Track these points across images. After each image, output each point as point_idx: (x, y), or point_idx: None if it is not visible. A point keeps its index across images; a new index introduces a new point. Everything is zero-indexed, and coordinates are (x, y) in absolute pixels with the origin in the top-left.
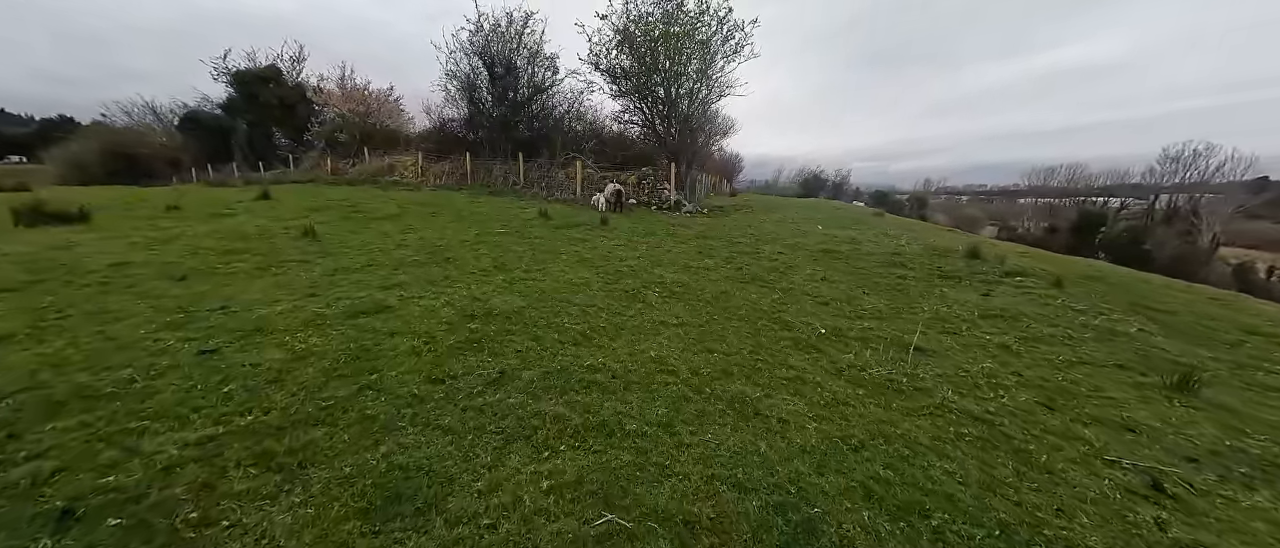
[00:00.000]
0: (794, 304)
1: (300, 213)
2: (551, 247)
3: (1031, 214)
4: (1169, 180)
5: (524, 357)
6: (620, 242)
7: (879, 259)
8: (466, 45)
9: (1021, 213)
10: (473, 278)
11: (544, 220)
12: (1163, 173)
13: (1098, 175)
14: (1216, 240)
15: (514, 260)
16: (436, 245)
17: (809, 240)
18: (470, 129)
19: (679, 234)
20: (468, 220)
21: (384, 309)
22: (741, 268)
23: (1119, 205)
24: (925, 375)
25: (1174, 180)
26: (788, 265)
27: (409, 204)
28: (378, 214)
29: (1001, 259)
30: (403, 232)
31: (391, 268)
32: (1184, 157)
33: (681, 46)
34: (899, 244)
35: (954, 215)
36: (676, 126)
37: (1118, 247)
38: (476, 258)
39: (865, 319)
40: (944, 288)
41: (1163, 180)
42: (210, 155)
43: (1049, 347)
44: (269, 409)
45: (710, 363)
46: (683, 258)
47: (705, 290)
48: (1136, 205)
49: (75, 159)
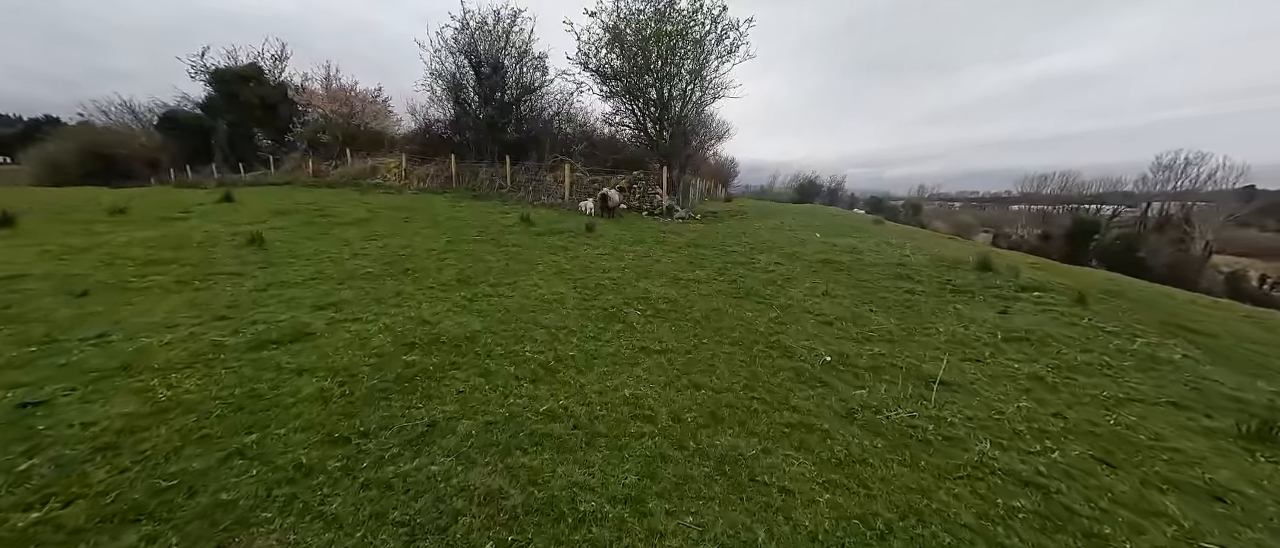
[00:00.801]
0: (794, 324)
1: (260, 217)
2: (528, 256)
3: (1025, 221)
4: (1161, 188)
5: (465, 400)
6: (605, 250)
7: (883, 271)
8: (451, 43)
9: (1015, 220)
10: (429, 294)
11: (525, 227)
12: (1155, 181)
13: (1090, 183)
14: (1209, 248)
15: (482, 272)
16: (399, 255)
17: (807, 250)
18: (456, 131)
19: (669, 242)
20: (442, 226)
21: (303, 337)
22: (735, 281)
23: (1111, 213)
24: (954, 419)
25: (1166, 188)
26: (785, 278)
27: (383, 208)
28: (344, 219)
29: (1015, 271)
30: (366, 239)
31: (338, 282)
32: (1176, 165)
33: (674, 46)
34: (903, 254)
35: (952, 222)
36: (669, 129)
37: (1112, 254)
38: (440, 270)
39: (875, 343)
40: (957, 304)
41: (1155, 188)
42: (190, 156)
43: (1088, 378)
44: (76, 496)
45: (697, 403)
46: (672, 269)
47: (694, 308)
48: (1128, 213)
49: (51, 160)
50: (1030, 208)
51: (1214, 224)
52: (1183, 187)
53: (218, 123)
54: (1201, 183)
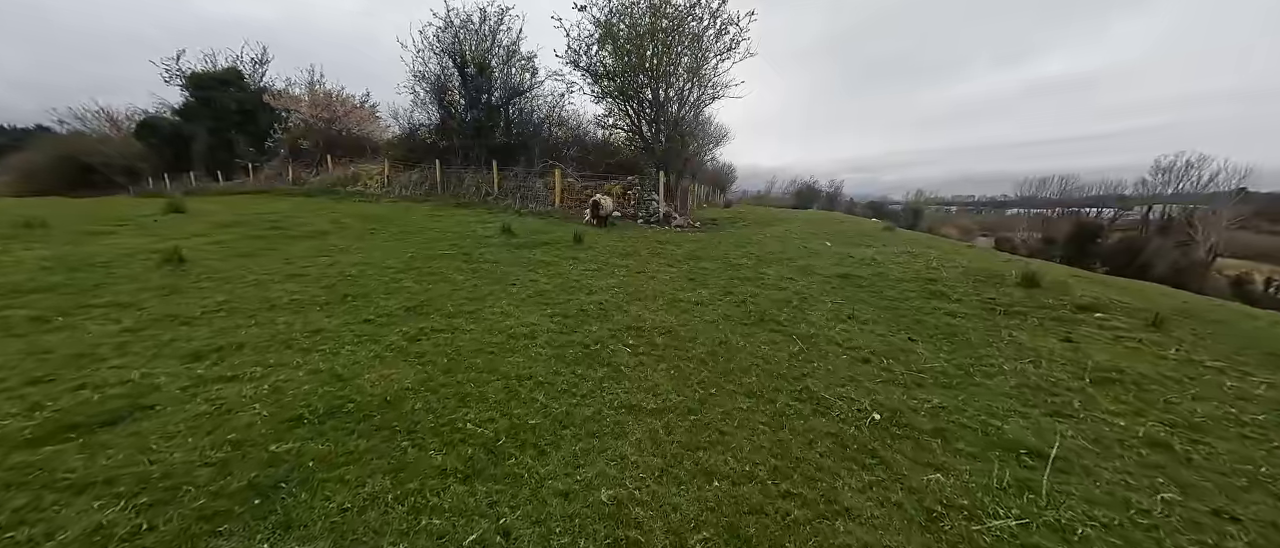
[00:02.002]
0: (822, 362)
1: (202, 231)
2: (503, 274)
3: (1027, 225)
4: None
5: (342, 532)
6: (593, 266)
7: (912, 287)
8: (434, 42)
9: (1014, 224)
10: (362, 331)
11: (506, 238)
12: (1155, 184)
13: (1089, 186)
14: (1214, 251)
15: (441, 298)
16: (345, 276)
17: (820, 262)
18: (442, 135)
19: (666, 253)
20: (410, 239)
21: (135, 411)
22: (744, 302)
23: (1113, 216)
24: (1085, 527)
25: (1166, 191)
26: (802, 297)
27: (351, 219)
28: (299, 232)
29: (1064, 287)
30: (316, 255)
31: (248, 315)
32: (1176, 168)
33: (670, 43)
34: (929, 266)
35: (962, 227)
36: (665, 132)
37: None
38: (389, 295)
39: (929, 389)
40: (1010, 330)
41: (1156, 191)
42: (170, 164)
43: (1222, 441)
44: None
45: (707, 507)
46: (669, 287)
47: (697, 340)
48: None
49: (26, 169)
50: (1028, 212)
51: (1218, 227)
52: (1185, 189)
53: (196, 130)
54: (1203, 185)
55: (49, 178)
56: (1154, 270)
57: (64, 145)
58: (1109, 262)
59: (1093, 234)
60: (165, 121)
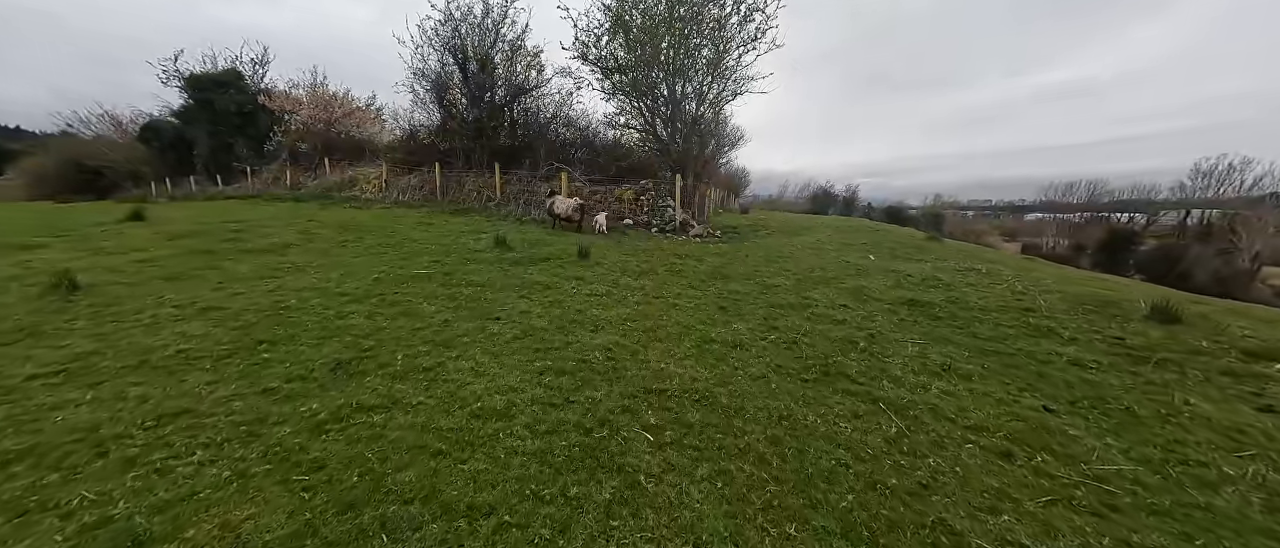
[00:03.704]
0: (937, 454)
1: (147, 244)
2: (487, 303)
3: (1055, 231)
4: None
5: None
6: (600, 288)
7: (1005, 319)
8: (433, 37)
9: (1041, 229)
10: (248, 413)
11: (499, 252)
12: (1194, 188)
13: (1120, 191)
14: (1259, 259)
15: (394, 343)
16: (281, 309)
17: (873, 282)
18: (442, 137)
19: (687, 271)
20: (389, 253)
21: None
22: (795, 342)
23: (1146, 221)
24: None
25: (1206, 195)
26: (867, 333)
27: (327, 228)
28: (256, 245)
29: (1214, 324)
30: (260, 277)
31: (89, 383)
32: (1217, 171)
33: (688, 33)
34: (1014, 291)
35: (1004, 230)
36: (683, 131)
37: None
38: (323, 340)
39: (1128, 514)
40: (1173, 389)
41: (1194, 195)
42: (173, 168)
43: None
44: None
45: None
46: (696, 319)
47: (746, 412)
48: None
49: (35, 173)
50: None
51: (1263, 233)
52: (1226, 193)
53: (197, 133)
54: (1247, 189)
55: (57, 182)
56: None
57: (71, 149)
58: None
59: (1127, 241)
60: (168, 125)
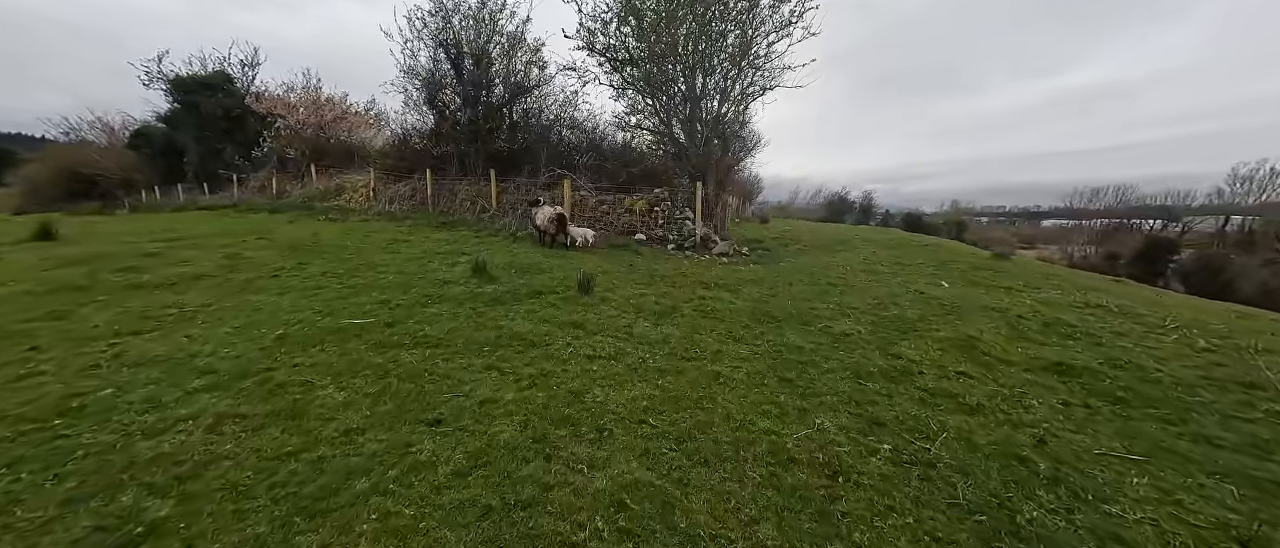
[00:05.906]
0: None
1: (28, 271)
2: (429, 386)
3: (1085, 238)
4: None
5: None
6: (606, 343)
7: (1226, 403)
8: (422, 30)
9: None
10: None
11: (476, 284)
12: (1232, 194)
13: (1151, 196)
14: None
15: (225, 490)
16: (69, 411)
17: (976, 325)
18: (435, 141)
19: (722, 310)
20: (327, 288)
21: None
22: (931, 467)
23: (1181, 229)
24: None
25: (1247, 202)
26: (1030, 431)
27: (271, 250)
28: (153, 279)
29: None
30: (110, 335)
31: None
32: (1259, 176)
33: (708, 20)
34: (1193, 344)
35: (982, 236)
36: (703, 133)
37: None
38: (72, 522)
39: None
40: None
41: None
42: (163, 175)
43: None
44: None
45: None
46: (755, 409)
47: None
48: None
49: (30, 181)
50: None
51: None
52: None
53: (185, 138)
54: None
55: (52, 190)
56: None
57: (64, 157)
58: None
59: (1167, 249)
60: (159, 131)
